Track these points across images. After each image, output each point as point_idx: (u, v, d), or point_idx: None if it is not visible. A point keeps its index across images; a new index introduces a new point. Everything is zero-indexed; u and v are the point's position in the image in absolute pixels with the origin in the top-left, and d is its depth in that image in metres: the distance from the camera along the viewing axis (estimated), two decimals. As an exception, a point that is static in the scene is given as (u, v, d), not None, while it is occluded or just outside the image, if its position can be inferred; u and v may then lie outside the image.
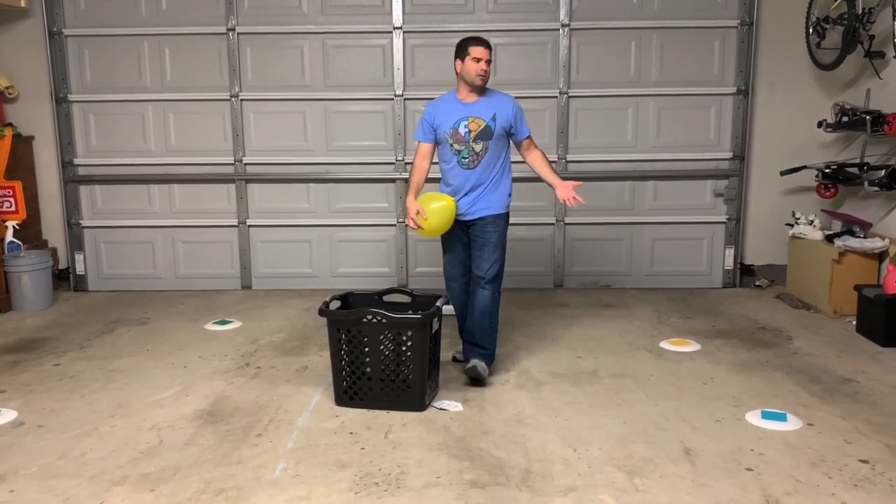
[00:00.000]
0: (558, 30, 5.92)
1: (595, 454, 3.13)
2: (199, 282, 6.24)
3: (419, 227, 3.95)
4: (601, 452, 3.15)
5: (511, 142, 4.13)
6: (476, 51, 3.91)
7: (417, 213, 3.92)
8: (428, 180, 4.10)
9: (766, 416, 3.49)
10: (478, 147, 3.98)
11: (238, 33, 5.96)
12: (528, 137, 4.14)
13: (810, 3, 5.68)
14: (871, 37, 5.11)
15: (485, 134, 3.97)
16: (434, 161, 4.14)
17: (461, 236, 4.11)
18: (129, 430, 3.41)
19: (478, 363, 3.95)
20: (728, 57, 5.94)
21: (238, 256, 6.23)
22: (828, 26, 5.51)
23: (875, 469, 2.98)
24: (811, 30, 5.69)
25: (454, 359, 4.34)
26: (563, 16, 5.89)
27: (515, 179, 4.22)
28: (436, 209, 3.95)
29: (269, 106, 6.06)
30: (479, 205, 4.02)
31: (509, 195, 4.12)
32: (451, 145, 4.00)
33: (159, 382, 4.03)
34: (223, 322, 5.18)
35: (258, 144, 6.11)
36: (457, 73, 3.99)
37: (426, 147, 4.09)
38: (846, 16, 5.26)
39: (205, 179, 6.15)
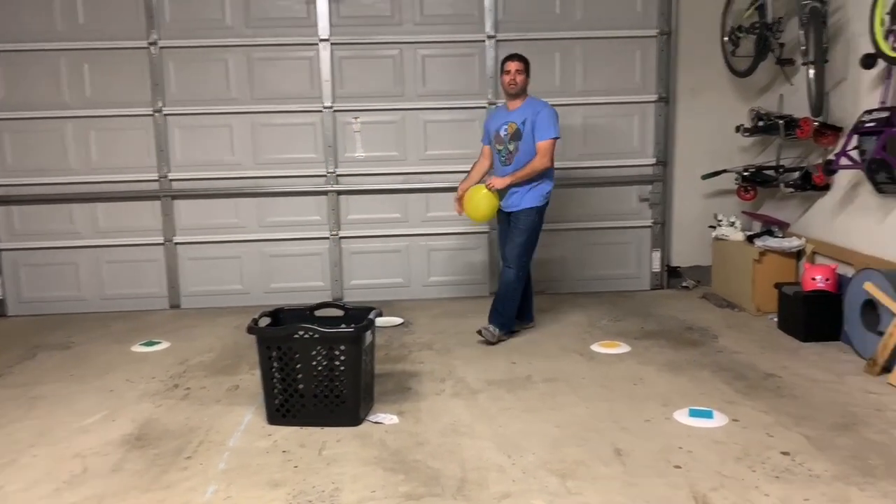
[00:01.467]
0: (484, 41, 5.99)
1: (529, 459, 3.16)
2: (126, 302, 6.07)
3: (459, 211, 4.95)
4: (535, 457, 3.18)
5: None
6: (507, 65, 4.78)
7: (457, 199, 4.95)
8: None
9: (693, 413, 3.59)
10: (511, 147, 4.78)
11: (160, 47, 5.84)
12: (543, 141, 4.69)
13: (724, 13, 5.90)
14: (782, 45, 5.34)
15: (516, 135, 4.75)
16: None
17: (507, 225, 4.90)
18: (51, 459, 3.29)
19: (488, 328, 4.81)
20: (649, 65, 6.11)
21: (165, 275, 6.08)
22: (741, 35, 5.73)
23: (795, 460, 3.10)
24: (726, 38, 5.92)
25: (478, 332, 4.89)
26: (488, 28, 5.96)
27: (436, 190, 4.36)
28: (466, 198, 4.81)
29: (195, 120, 5.95)
30: (513, 199, 4.79)
31: (543, 195, 4.79)
32: (495, 146, 4.88)
33: (84, 408, 3.89)
34: (151, 343, 5.04)
35: (184, 160, 5.99)
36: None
37: (485, 148, 5.04)
38: (758, 25, 5.48)
39: (129, 197, 6.00)
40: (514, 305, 4.88)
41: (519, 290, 4.86)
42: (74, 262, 6.04)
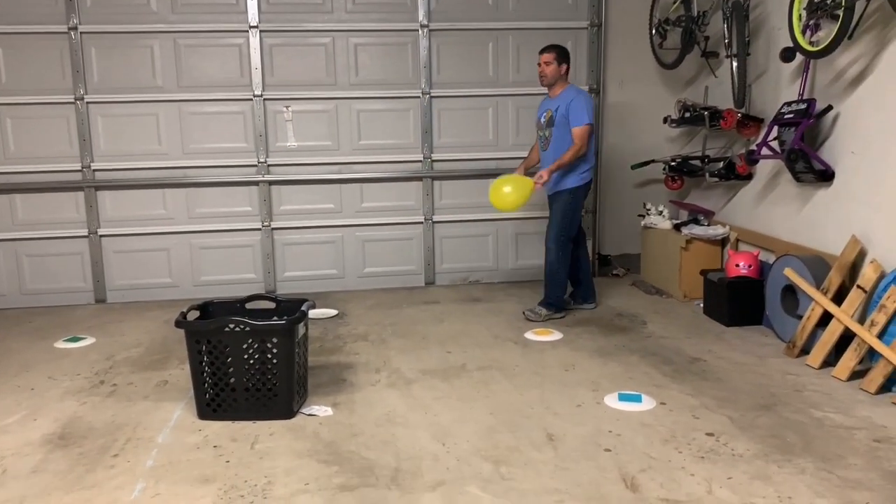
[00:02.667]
0: (418, 30, 5.97)
1: (463, 447, 3.19)
2: (49, 297, 5.84)
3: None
4: (469, 445, 3.21)
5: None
6: (539, 58, 5.04)
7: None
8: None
9: (622, 398, 3.68)
10: (547, 133, 5.09)
11: (81, 32, 5.62)
12: (577, 127, 4.92)
13: (652, 6, 6.02)
14: (707, 38, 5.48)
15: (551, 122, 5.03)
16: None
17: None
18: (-33, 461, 3.15)
19: (534, 308, 5.12)
20: (580, 57, 6.19)
21: (90, 268, 5.88)
22: (668, 28, 5.86)
23: (719, 441, 3.21)
24: (654, 31, 6.04)
25: (524, 314, 5.18)
26: (421, 16, 5.94)
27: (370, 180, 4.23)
28: (510, 191, 4.84)
29: (119, 109, 5.75)
30: (552, 182, 5.02)
31: (577, 176, 5.03)
32: (537, 132, 5.25)
33: (2, 407, 3.74)
34: (75, 339, 4.88)
35: (108, 149, 5.79)
36: None
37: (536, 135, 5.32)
38: (683, 18, 5.61)
39: (50, 188, 5.76)
40: (558, 286, 5.12)
41: (562, 270, 5.09)
42: (-8, 256, 5.79)
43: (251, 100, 5.88)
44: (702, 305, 5.29)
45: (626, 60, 6.31)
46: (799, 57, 4.48)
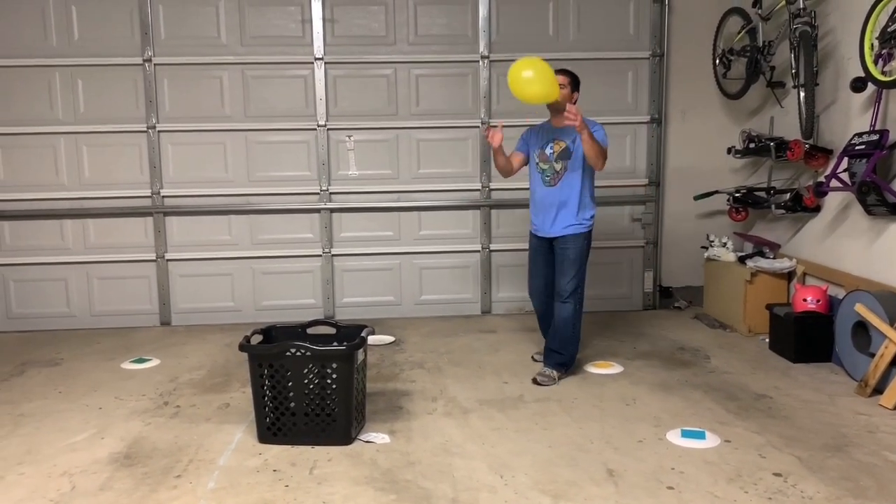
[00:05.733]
0: (478, 61, 6.03)
1: (521, 480, 3.15)
2: (116, 319, 6.03)
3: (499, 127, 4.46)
4: (527, 478, 3.16)
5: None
6: (557, 79, 4.33)
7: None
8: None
9: (685, 434, 3.58)
10: (558, 166, 4.45)
11: (155, 64, 5.85)
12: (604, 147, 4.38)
13: (716, 36, 5.97)
14: (772, 68, 5.40)
15: (565, 154, 4.43)
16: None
17: (544, 252, 4.56)
18: (38, 477, 3.25)
19: (543, 372, 4.45)
20: (641, 87, 6.16)
21: (156, 292, 6.05)
22: (732, 58, 5.79)
23: (788, 482, 3.09)
24: (717, 61, 5.98)
25: (533, 358, 4.83)
26: (482, 48, 6.01)
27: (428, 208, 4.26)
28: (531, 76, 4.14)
29: (188, 137, 5.95)
30: (561, 224, 4.44)
31: (590, 218, 4.49)
32: (538, 164, 4.52)
33: (72, 426, 3.86)
34: (141, 360, 5.01)
35: (176, 176, 5.98)
36: None
37: (517, 153, 4.64)
38: (748, 48, 5.54)
39: (120, 213, 5.98)
40: (576, 343, 4.50)
41: (578, 325, 4.47)
42: (64, 277, 6.00)
43: (315, 129, 6.01)
44: (767, 340, 5.14)
45: (689, 91, 6.24)
46: (870, 87, 4.36)
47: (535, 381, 4.42)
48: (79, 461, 3.41)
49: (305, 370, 3.54)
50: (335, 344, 3.70)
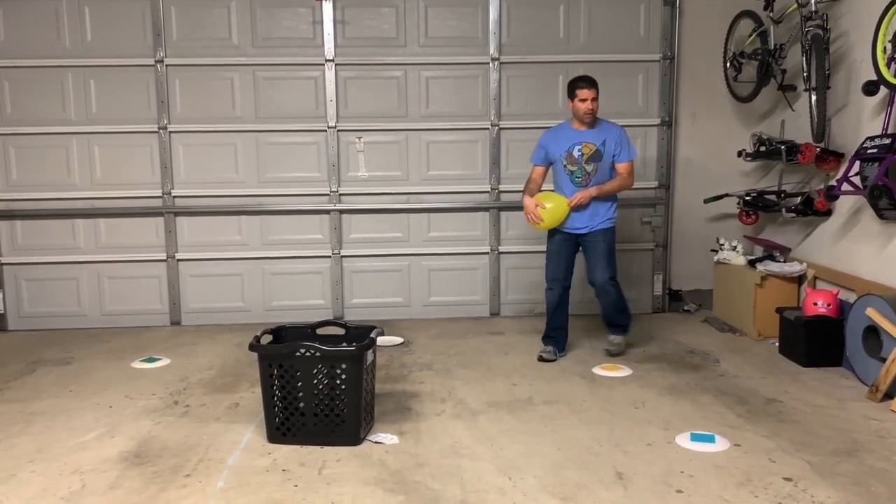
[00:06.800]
0: (488, 63, 6.03)
1: (530, 482, 3.15)
2: (127, 318, 6.05)
3: (538, 219, 4.69)
4: (536, 480, 3.16)
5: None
6: (582, 93, 4.65)
7: (536, 206, 4.68)
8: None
9: (695, 438, 3.57)
10: (589, 168, 4.73)
11: (167, 65, 5.88)
12: (628, 162, 4.78)
13: (727, 39, 5.95)
14: (784, 71, 5.38)
15: (595, 156, 4.71)
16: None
17: (569, 246, 4.86)
18: (49, 475, 3.27)
19: (613, 339, 4.96)
20: (651, 90, 6.15)
21: (167, 291, 6.08)
22: (744, 61, 5.77)
23: (798, 486, 3.08)
24: (728, 64, 5.96)
25: (540, 358, 4.91)
26: (492, 50, 6.01)
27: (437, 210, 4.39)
28: (551, 208, 4.66)
29: (199, 138, 5.97)
30: (593, 220, 4.76)
31: (616, 211, 4.88)
32: (565, 166, 4.76)
33: (82, 424, 3.88)
34: (151, 360, 5.03)
35: (187, 177, 6.01)
36: (570, 107, 4.78)
37: (539, 169, 4.91)
38: (760, 51, 5.52)
39: (132, 213, 6.01)
40: (629, 311, 5.02)
41: (624, 296, 4.97)
42: (76, 277, 6.04)
43: (325, 131, 6.02)
44: (777, 344, 5.12)
45: (699, 93, 6.23)
46: (883, 90, 4.34)
47: (608, 353, 4.95)
48: (89, 459, 3.43)
49: (315, 370, 3.55)
50: (344, 345, 3.70)
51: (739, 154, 5.89)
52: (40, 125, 5.88)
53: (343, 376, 3.52)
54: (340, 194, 6.08)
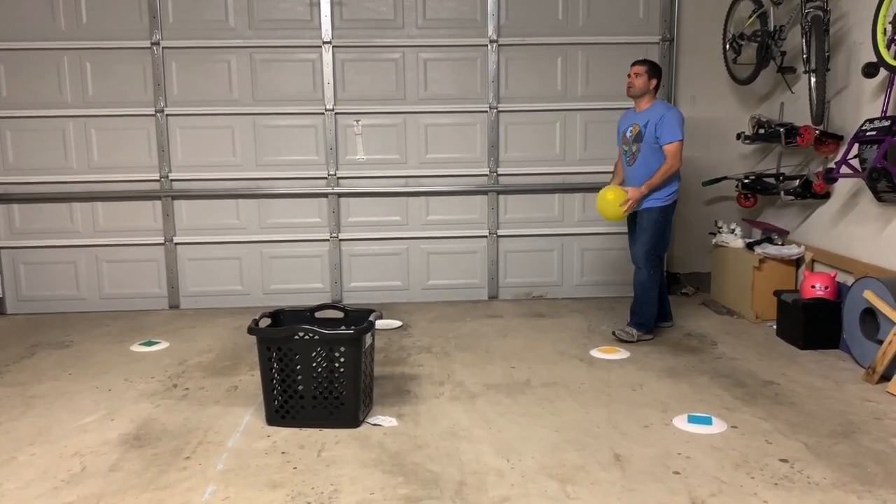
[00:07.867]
0: (486, 45, 6.00)
1: (528, 464, 3.16)
2: (125, 302, 6.06)
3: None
4: (534, 462, 3.18)
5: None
6: (631, 69, 4.92)
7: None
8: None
9: (692, 420, 3.59)
10: (634, 148, 4.91)
11: (163, 48, 5.85)
12: (669, 144, 4.76)
13: (726, 21, 5.91)
14: (783, 53, 5.35)
15: (638, 137, 4.87)
16: None
17: (632, 225, 5.03)
18: (49, 457, 3.28)
19: (623, 328, 4.95)
20: (651, 72, 6.10)
21: (165, 275, 6.08)
22: (743, 43, 5.74)
23: (794, 468, 3.10)
24: (727, 46, 5.93)
25: (613, 334, 5.02)
26: (490, 32, 5.98)
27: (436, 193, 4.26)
28: (610, 200, 4.79)
29: (196, 121, 5.95)
30: (644, 198, 4.82)
31: (667, 195, 4.84)
32: (622, 146, 5.04)
33: (82, 407, 3.89)
34: (150, 343, 5.04)
35: (185, 160, 5.99)
36: None
37: (620, 150, 5.13)
38: (759, 33, 5.50)
39: (129, 196, 6.00)
40: (651, 307, 4.96)
41: (654, 290, 4.94)
42: (74, 260, 6.04)
43: (323, 114, 6.00)
44: (775, 327, 5.13)
45: (698, 76, 6.21)
46: (882, 72, 4.33)
47: (614, 335, 4.98)
48: (89, 442, 3.44)
49: (314, 353, 3.55)
50: (343, 328, 3.71)
51: (738, 137, 5.88)
52: (37, 108, 5.85)
53: (342, 359, 3.53)
54: (339, 178, 6.07)
